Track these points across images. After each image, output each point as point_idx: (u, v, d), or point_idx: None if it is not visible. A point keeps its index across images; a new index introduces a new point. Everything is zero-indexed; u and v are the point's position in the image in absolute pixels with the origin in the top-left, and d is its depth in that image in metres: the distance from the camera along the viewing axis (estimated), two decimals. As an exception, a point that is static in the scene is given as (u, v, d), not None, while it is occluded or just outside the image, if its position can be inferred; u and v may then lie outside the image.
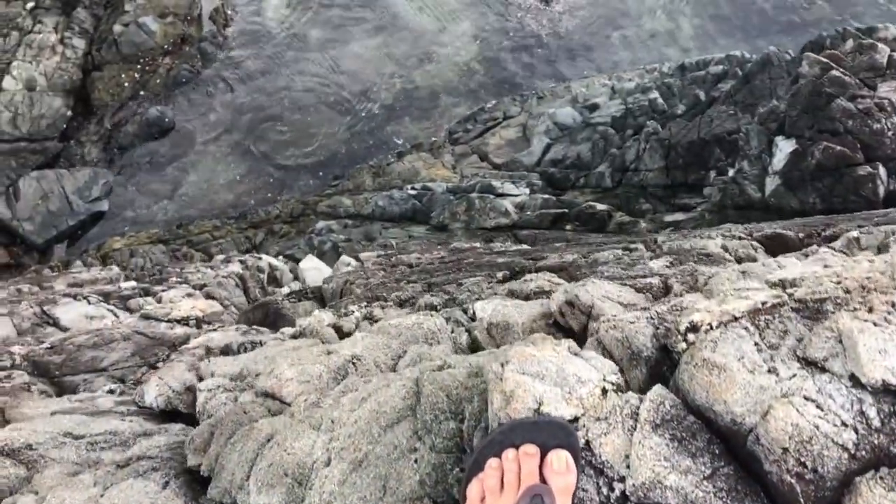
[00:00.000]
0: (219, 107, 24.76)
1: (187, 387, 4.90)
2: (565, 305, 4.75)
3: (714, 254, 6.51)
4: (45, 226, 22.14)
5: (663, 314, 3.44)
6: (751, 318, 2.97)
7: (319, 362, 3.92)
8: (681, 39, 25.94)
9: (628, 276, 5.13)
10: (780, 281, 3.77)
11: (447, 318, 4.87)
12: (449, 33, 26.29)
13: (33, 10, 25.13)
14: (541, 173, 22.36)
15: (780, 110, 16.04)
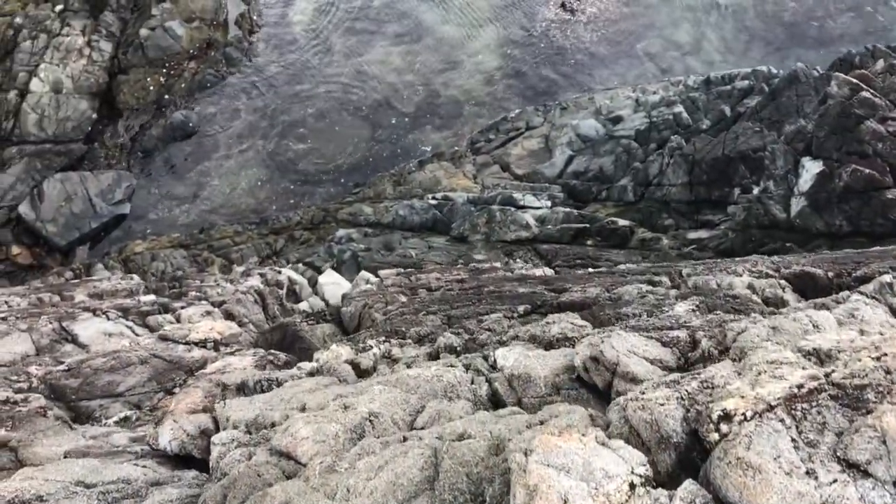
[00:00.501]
0: (243, 112, 24.80)
1: (202, 430, 4.84)
2: (590, 361, 4.64)
3: (741, 295, 6.37)
4: (68, 227, 22.28)
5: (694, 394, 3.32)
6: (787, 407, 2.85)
7: (336, 419, 3.83)
8: (707, 52, 25.67)
9: (654, 326, 5.01)
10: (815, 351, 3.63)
11: (467, 365, 4.77)
12: (473, 43, 26.19)
13: (62, 12, 25.31)
14: (562, 185, 22.20)
15: (808, 130, 15.82)
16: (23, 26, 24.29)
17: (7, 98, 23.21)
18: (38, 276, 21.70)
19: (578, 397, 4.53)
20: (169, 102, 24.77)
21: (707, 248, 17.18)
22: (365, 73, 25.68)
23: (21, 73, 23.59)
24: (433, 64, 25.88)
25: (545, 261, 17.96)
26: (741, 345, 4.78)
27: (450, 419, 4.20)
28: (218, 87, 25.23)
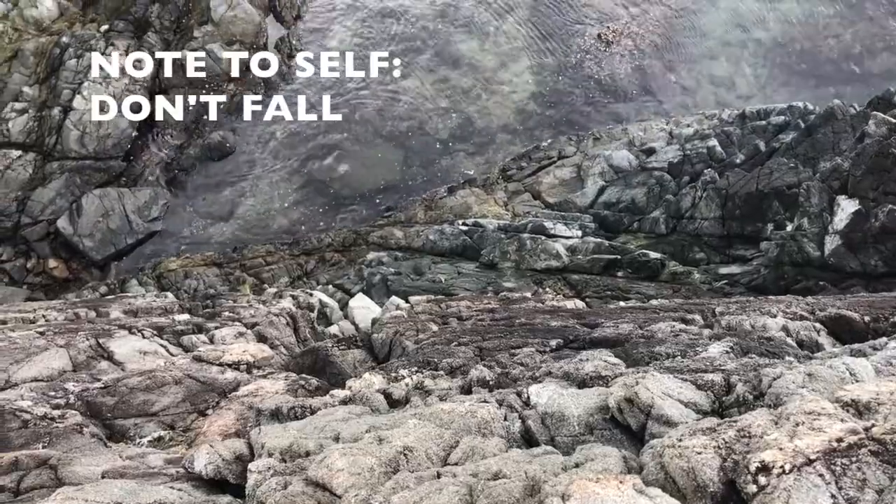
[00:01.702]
0: (279, 134, 25.16)
1: (237, 455, 4.91)
2: (624, 402, 4.65)
3: (775, 337, 6.34)
4: (104, 242, 22.68)
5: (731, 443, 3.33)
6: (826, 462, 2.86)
7: (371, 453, 3.88)
8: (742, 87, 25.63)
9: (689, 368, 5.01)
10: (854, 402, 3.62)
11: (500, 401, 4.80)
12: (508, 71, 26.39)
13: (107, 32, 25.90)
14: (594, 215, 22.21)
15: (844, 168, 15.70)
16: (69, 45, 24.88)
17: (51, 115, 23.75)
18: (74, 289, 22.08)
19: (612, 438, 4.54)
20: (208, 122, 25.19)
21: (738, 283, 17.06)
22: (400, 100, 25.95)
23: (65, 90, 24.14)
24: (468, 92, 26.09)
25: (575, 291, 17.93)
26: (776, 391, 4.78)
27: (483, 456, 4.24)
28: (256, 109, 25.61)
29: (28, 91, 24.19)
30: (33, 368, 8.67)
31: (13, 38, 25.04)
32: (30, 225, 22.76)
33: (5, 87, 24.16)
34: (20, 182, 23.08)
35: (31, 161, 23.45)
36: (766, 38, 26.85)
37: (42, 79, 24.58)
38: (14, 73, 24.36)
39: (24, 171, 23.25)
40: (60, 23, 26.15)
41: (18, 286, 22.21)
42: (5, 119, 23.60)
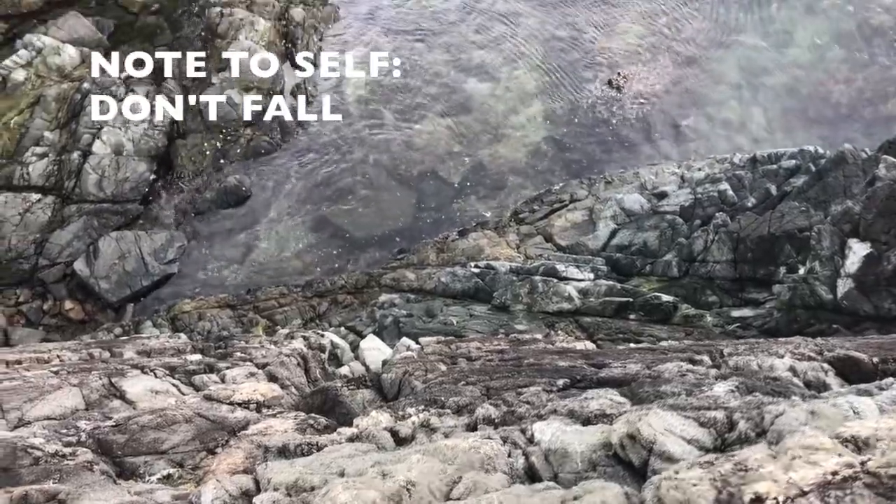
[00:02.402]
0: (294, 178, 25.50)
1: (243, 491, 4.96)
2: (626, 438, 4.68)
3: (782, 378, 6.35)
4: (120, 284, 22.90)
5: (727, 475, 3.37)
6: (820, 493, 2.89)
7: (374, 487, 3.93)
8: (753, 131, 25.79)
9: (692, 405, 5.04)
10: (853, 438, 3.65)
11: (504, 438, 4.84)
12: (520, 116, 26.70)
13: (127, 79, 26.49)
14: (606, 258, 22.25)
15: (855, 212, 15.72)
16: (90, 91, 25.45)
17: (71, 158, 24.21)
18: (89, 330, 22.27)
19: (615, 474, 4.56)
20: (224, 167, 25.60)
21: (751, 326, 16.99)
22: (413, 144, 26.28)
23: (85, 135, 24.64)
24: (480, 136, 26.39)
25: (587, 334, 17.92)
26: (779, 428, 4.81)
27: (486, 491, 4.28)
28: (272, 154, 26.04)
29: (49, 136, 24.69)
30: (46, 407, 8.77)
31: (36, 84, 25.66)
32: (47, 267, 23.06)
33: (27, 132, 24.68)
34: (39, 225, 23.44)
35: (51, 204, 23.83)
36: (776, 84, 27.07)
37: (63, 124, 25.11)
38: (36, 118, 24.90)
39: (44, 213, 23.63)
40: (82, 69, 26.76)
41: (35, 328, 22.42)
42: (26, 163, 24.07)
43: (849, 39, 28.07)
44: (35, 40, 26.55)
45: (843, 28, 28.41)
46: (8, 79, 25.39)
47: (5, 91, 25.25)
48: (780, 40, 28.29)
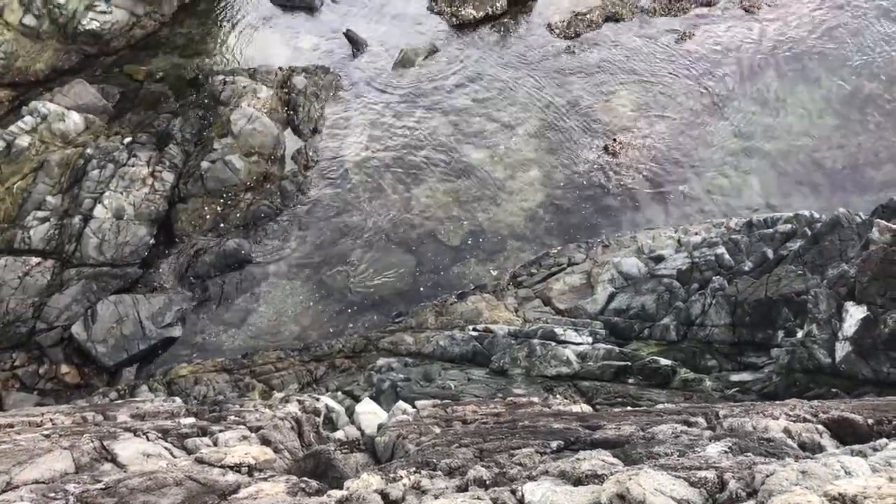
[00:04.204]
0: (293, 242, 25.67)
1: (231, 553, 4.88)
2: (616, 498, 4.65)
3: (776, 439, 6.30)
4: (117, 349, 22.83)
5: (712, 534, 3.34)
6: (803, 550, 2.87)
7: (361, 547, 3.89)
8: (748, 196, 26.05)
9: (683, 465, 5.01)
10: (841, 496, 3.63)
11: (494, 499, 4.79)
12: (518, 181, 27.03)
13: (130, 144, 26.92)
14: (604, 322, 22.21)
15: (850, 275, 15.77)
16: (93, 156, 25.85)
17: (72, 223, 24.43)
18: (84, 395, 22.11)
19: (604, 536, 4.52)
20: (224, 231, 25.80)
21: (751, 391, 16.87)
22: (412, 207, 26.53)
23: (87, 199, 24.92)
24: (479, 200, 26.66)
25: (585, 398, 17.77)
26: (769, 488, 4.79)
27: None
28: (271, 218, 26.27)
29: (51, 200, 24.97)
30: (35, 470, 8.67)
31: (40, 150, 26.08)
32: (45, 331, 23.04)
33: (30, 197, 24.98)
34: (38, 288, 23.52)
35: (50, 268, 23.96)
36: (770, 150, 27.46)
37: (65, 189, 25.42)
38: (39, 183, 25.23)
39: (43, 277, 23.73)
40: (86, 135, 27.25)
41: (29, 392, 22.27)
42: (27, 227, 24.28)
43: (841, 107, 28.58)
44: (41, 107, 27.09)
45: (835, 96, 28.96)
46: (13, 144, 25.83)
47: (10, 156, 25.66)
48: (774, 108, 28.80)
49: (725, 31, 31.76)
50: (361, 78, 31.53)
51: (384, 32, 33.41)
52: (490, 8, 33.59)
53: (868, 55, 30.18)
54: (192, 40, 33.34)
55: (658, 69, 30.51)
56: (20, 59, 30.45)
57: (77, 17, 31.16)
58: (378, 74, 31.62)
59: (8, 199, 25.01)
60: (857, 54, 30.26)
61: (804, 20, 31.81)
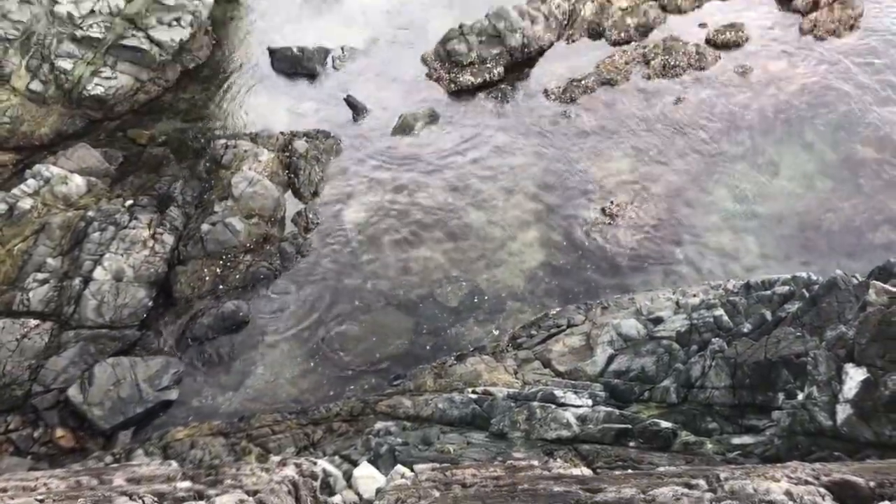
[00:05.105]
0: (292, 304, 25.71)
1: None
2: (615, 561, 4.61)
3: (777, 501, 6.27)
4: (113, 412, 22.64)
5: None
6: None
7: None
8: (746, 257, 26.21)
9: (683, 528, 4.97)
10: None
11: (494, 563, 4.75)
12: (516, 242, 27.22)
13: (131, 207, 27.16)
14: (604, 384, 22.09)
15: (849, 337, 15.77)
16: (94, 219, 26.04)
17: (72, 285, 24.48)
18: (80, 459, 21.83)
19: None
20: (223, 293, 25.85)
21: (752, 454, 16.70)
22: (411, 269, 26.66)
23: (87, 261, 25.01)
24: (477, 261, 26.80)
25: (586, 462, 17.57)
26: (771, 551, 4.75)
27: None
28: (271, 280, 26.36)
29: (51, 262, 25.06)
30: (29, 535, 8.55)
31: (42, 212, 26.29)
32: (41, 393, 22.88)
33: (30, 259, 25.08)
34: (35, 350, 23.45)
35: (48, 330, 23.93)
36: (766, 212, 27.73)
37: (66, 251, 25.54)
38: (40, 245, 25.37)
39: (41, 339, 23.68)
40: (88, 198, 27.51)
41: (23, 456, 21.99)
42: (27, 289, 24.32)
43: (835, 170, 28.98)
44: (44, 170, 27.41)
45: (829, 159, 29.39)
46: (15, 207, 26.04)
47: (11, 219, 25.85)
48: (768, 171, 29.19)
49: (719, 95, 32.39)
50: (362, 142, 32.02)
51: (384, 98, 34.05)
52: (487, 75, 34.31)
53: (859, 120, 30.74)
54: (195, 105, 33.95)
55: (654, 132, 31.03)
56: (25, 124, 30.94)
57: (83, 82, 31.77)
58: (378, 139, 32.13)
59: (8, 261, 25.10)
60: (849, 119, 30.82)
61: (796, 85, 32.47)
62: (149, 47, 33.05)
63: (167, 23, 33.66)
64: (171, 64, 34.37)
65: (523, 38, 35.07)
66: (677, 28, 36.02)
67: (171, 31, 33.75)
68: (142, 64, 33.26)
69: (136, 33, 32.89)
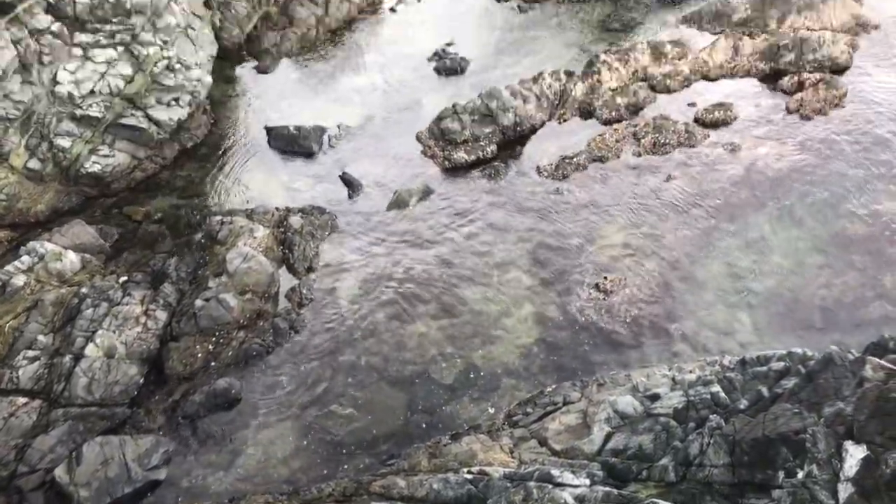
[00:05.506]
0: (285, 381, 25.47)
1: None
2: None
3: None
4: (100, 492, 22.12)
5: None
6: None
7: None
8: (741, 333, 26.19)
9: None
10: None
11: None
12: (511, 318, 27.18)
13: (125, 283, 27.14)
14: (602, 463, 21.74)
15: (847, 413, 15.68)
16: (87, 295, 25.97)
17: (62, 362, 24.25)
18: (63, 541, 21.25)
19: None
20: (215, 370, 25.63)
21: (754, 536, 16.36)
22: (406, 345, 26.53)
23: (79, 338, 24.84)
24: (472, 337, 26.71)
25: (584, 544, 17.17)
26: None
27: None
28: (263, 357, 26.17)
29: (42, 339, 24.90)
30: None
31: (35, 289, 26.24)
32: (27, 474, 22.40)
33: (21, 336, 24.91)
34: (23, 429, 23.07)
35: (37, 408, 23.60)
36: (760, 288, 27.84)
37: (57, 328, 25.40)
38: (31, 322, 25.23)
39: (29, 418, 23.33)
40: (82, 275, 27.52)
41: (3, 541, 21.42)
42: (16, 367, 24.08)
43: (826, 246, 29.23)
44: (38, 247, 27.48)
45: (820, 235, 29.68)
46: (8, 284, 26.00)
47: (4, 296, 25.79)
48: (760, 247, 29.43)
49: (710, 172, 32.91)
50: (356, 218, 32.30)
51: (379, 175, 34.52)
52: (481, 152, 34.89)
53: (848, 196, 31.19)
54: (192, 182, 34.33)
55: (646, 208, 31.39)
56: (22, 201, 31.15)
57: (80, 160, 32.15)
58: (373, 215, 32.42)
59: (-1, 338, 24.94)
60: (838, 196, 31.26)
61: (785, 162, 33.05)
62: (147, 126, 33.60)
63: (166, 102, 34.31)
64: (168, 142, 34.89)
65: (515, 117, 35.79)
66: (667, 107, 36.86)
67: (170, 110, 34.38)
68: (140, 142, 33.76)
69: (135, 112, 33.48)
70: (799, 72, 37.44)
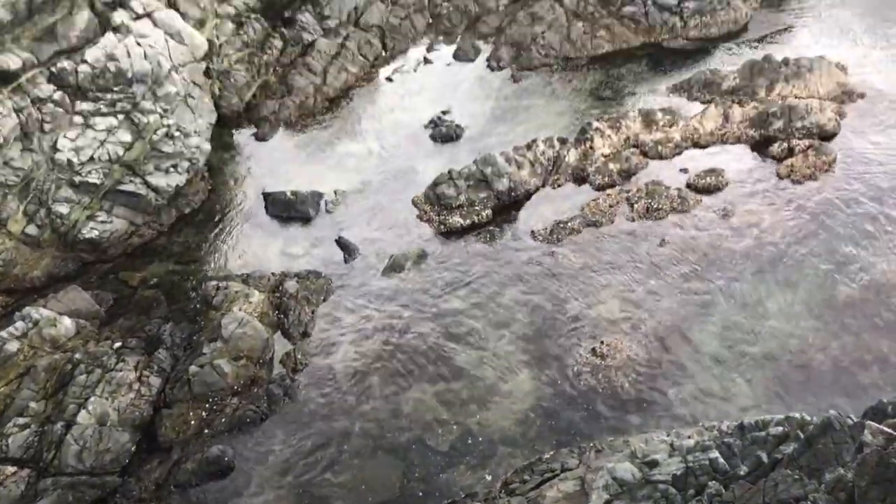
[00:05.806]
0: (279, 448, 25.14)
1: None
2: None
3: None
4: (87, 565, 21.62)
5: None
6: None
7: None
8: (738, 399, 26.02)
9: None
10: None
11: None
12: (507, 383, 27.05)
13: (119, 349, 26.99)
14: (601, 533, 21.35)
15: (848, 479, 15.49)
16: (81, 361, 25.80)
17: (53, 429, 23.94)
18: None
19: None
20: (208, 437, 25.30)
21: None
22: (401, 411, 26.29)
23: (71, 405, 24.58)
24: (468, 403, 26.49)
25: None
26: None
27: None
28: (257, 424, 25.88)
29: (34, 406, 24.66)
30: None
31: (28, 355, 26.08)
32: (11, 547, 21.93)
33: (12, 403, 24.66)
34: (10, 500, 22.65)
35: (25, 478, 23.23)
36: (755, 352, 27.77)
37: (50, 394, 25.19)
38: (24, 388, 25.01)
39: (17, 487, 22.94)
40: (76, 340, 27.37)
41: None
42: (6, 434, 23.77)
43: (822, 310, 29.26)
44: (33, 312, 27.41)
45: (814, 300, 29.72)
46: (2, 350, 25.84)
47: (-3, 362, 25.58)
48: (755, 311, 29.44)
49: (703, 236, 33.12)
50: (352, 282, 32.32)
51: (375, 239, 34.67)
52: (476, 217, 35.15)
53: (841, 260, 31.32)
54: (189, 248, 34.44)
55: (640, 272, 31.50)
56: (18, 266, 31.18)
57: (78, 226, 32.31)
58: (369, 279, 32.46)
59: (-10, 405, 24.65)
60: (831, 260, 31.39)
61: (778, 226, 33.29)
62: (145, 192, 33.88)
63: (165, 169, 34.67)
64: (166, 208, 35.12)
65: (510, 183, 36.17)
66: (659, 173, 37.27)
67: (168, 176, 34.72)
68: (137, 208, 33.98)
69: (134, 179, 33.78)
70: (788, 138, 38.00)
